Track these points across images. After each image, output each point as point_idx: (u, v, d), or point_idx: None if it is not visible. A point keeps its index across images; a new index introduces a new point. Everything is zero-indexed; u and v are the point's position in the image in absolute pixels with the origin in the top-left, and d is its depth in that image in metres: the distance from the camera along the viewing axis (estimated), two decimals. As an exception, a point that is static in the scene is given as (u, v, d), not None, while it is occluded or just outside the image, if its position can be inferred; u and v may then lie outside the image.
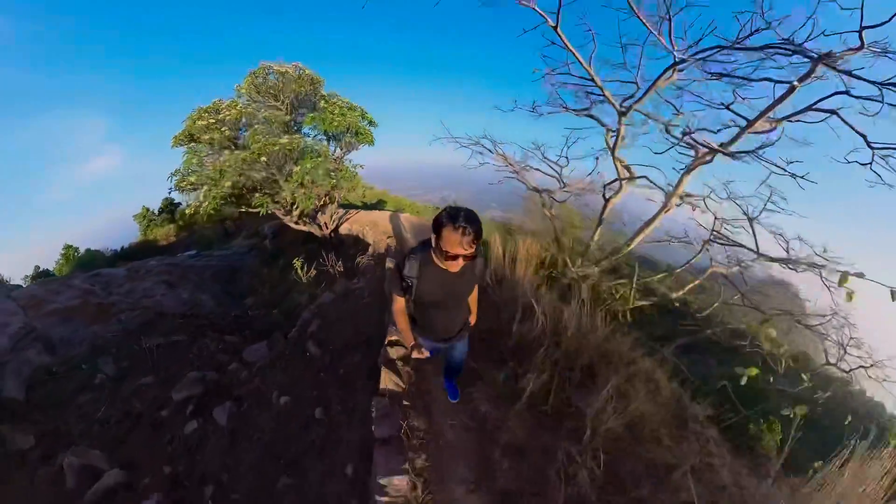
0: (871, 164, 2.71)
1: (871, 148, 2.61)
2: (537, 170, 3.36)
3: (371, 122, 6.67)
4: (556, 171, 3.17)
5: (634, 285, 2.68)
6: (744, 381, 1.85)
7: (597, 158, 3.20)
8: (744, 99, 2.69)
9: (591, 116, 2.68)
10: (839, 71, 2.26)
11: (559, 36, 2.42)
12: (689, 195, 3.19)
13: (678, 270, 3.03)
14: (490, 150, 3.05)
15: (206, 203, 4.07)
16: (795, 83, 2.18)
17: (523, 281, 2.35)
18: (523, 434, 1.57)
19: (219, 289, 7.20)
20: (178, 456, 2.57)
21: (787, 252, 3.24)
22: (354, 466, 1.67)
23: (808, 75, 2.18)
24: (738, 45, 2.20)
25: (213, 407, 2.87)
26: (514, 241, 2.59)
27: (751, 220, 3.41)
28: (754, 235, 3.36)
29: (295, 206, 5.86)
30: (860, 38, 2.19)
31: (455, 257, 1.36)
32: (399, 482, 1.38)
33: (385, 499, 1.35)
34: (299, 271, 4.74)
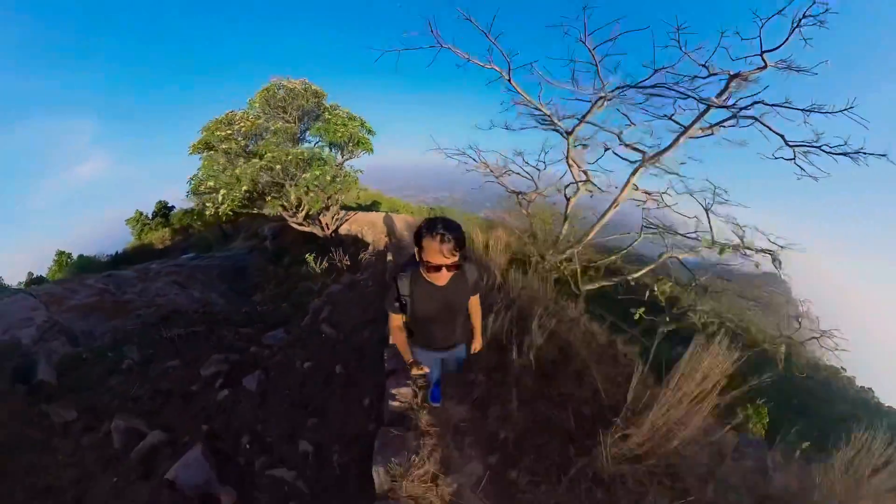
0: (794, 159, 3.36)
1: (790, 146, 3.27)
2: (517, 174, 3.99)
3: (369, 131, 7.28)
4: (531, 175, 3.79)
5: (578, 263, 3.27)
6: (636, 318, 2.46)
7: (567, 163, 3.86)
8: (684, 110, 3.36)
9: (556, 130, 3.31)
10: (749, 80, 2.96)
11: (514, 86, 3.17)
12: (649, 192, 3.83)
13: (619, 255, 3.68)
14: (474, 160, 3.65)
15: (225, 205, 4.58)
16: (714, 100, 2.84)
17: (494, 261, 2.94)
18: (491, 361, 2.11)
19: (226, 287, 7.62)
20: (214, 416, 3.04)
21: (742, 240, 3.89)
22: (370, 399, 2.18)
23: (723, 92, 2.85)
24: (637, 85, 2.88)
25: (242, 378, 3.35)
26: (492, 233, 3.20)
27: (707, 210, 4.07)
28: (710, 225, 4.01)
29: (300, 208, 6.39)
30: (763, 59, 2.86)
31: (438, 268, 1.33)
32: (405, 391, 1.91)
33: (395, 403, 1.86)
34: (312, 264, 5.24)
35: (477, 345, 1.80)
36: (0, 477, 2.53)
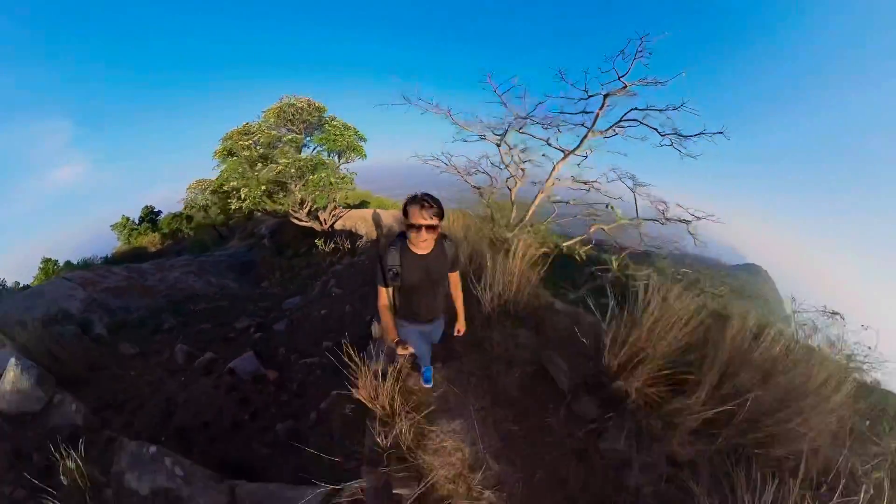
0: (671, 145, 4.83)
1: (662, 135, 4.75)
2: (484, 172, 5.38)
3: (361, 138, 8.61)
4: (490, 173, 5.19)
5: (522, 237, 4.68)
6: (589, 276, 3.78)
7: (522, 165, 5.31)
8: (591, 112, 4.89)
9: (506, 143, 4.75)
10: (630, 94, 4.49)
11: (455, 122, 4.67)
12: (583, 180, 5.30)
13: (543, 224, 5.10)
14: (445, 163, 4.99)
15: (248, 201, 5.75)
16: (598, 112, 4.36)
17: (467, 240, 4.27)
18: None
19: (235, 276, 8.65)
20: (253, 344, 4.20)
21: (663, 213, 5.31)
22: (371, 319, 3.43)
23: (602, 107, 4.37)
24: (527, 116, 4.44)
25: (271, 326, 4.52)
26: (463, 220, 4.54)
27: (633, 190, 5.50)
28: (635, 203, 5.43)
29: (304, 205, 7.59)
30: (622, 83, 4.37)
31: (419, 227, 1.60)
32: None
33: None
34: (322, 246, 6.45)
35: (461, 326, 2.03)
36: (94, 383, 3.58)
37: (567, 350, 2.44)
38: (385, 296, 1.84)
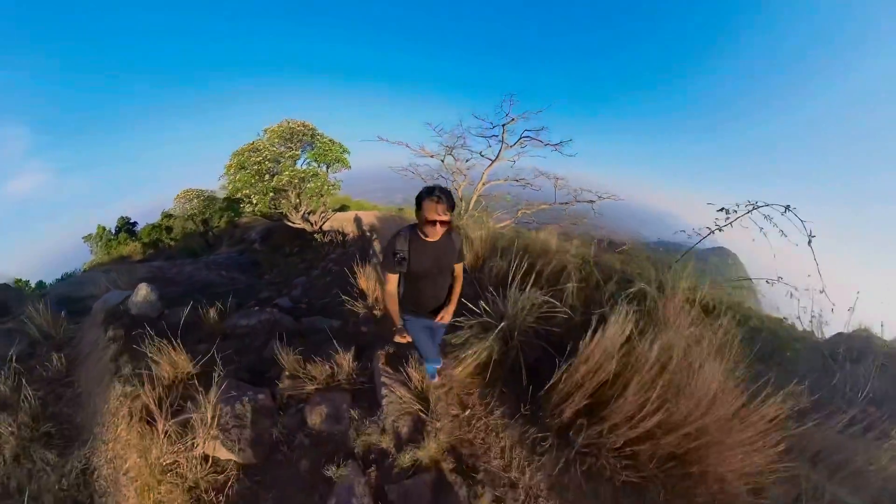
0: (555, 149, 7.29)
1: (548, 145, 7.17)
2: (442, 176, 7.57)
3: (345, 150, 10.61)
4: (446, 175, 7.39)
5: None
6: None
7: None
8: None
9: (451, 156, 6.95)
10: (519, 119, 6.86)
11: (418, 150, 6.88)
12: (514, 178, 7.64)
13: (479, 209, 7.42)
14: (413, 173, 7.11)
15: (258, 206, 7.60)
16: (502, 134, 6.74)
17: None
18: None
19: (239, 272, 10.32)
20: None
21: (575, 196, 7.69)
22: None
23: (503, 133, 6.71)
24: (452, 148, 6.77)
25: (290, 293, 6.44)
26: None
27: (556, 180, 7.88)
28: (555, 193, 7.77)
29: (299, 209, 9.47)
30: (510, 118, 6.77)
31: (434, 223, 1.73)
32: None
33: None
34: (320, 238, 8.39)
35: (446, 314, 2.08)
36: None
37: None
38: (392, 281, 1.95)
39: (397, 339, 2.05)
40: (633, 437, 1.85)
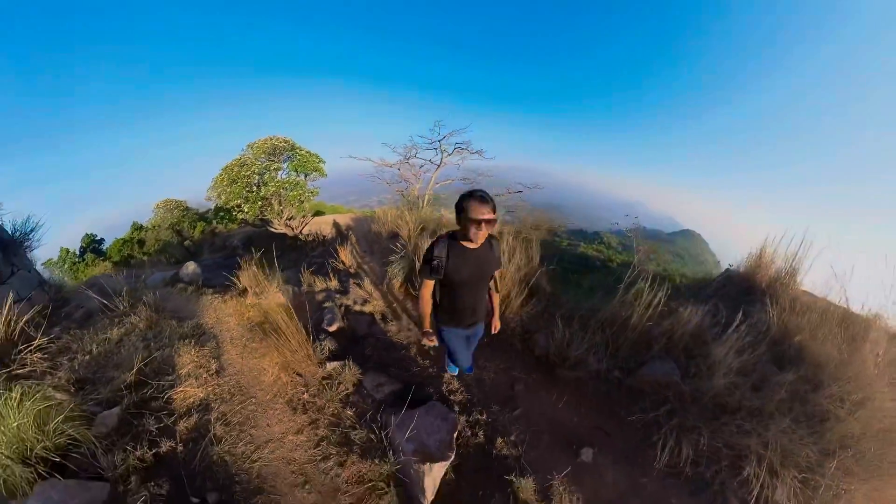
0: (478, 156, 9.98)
1: (473, 152, 9.85)
2: (405, 180, 10.05)
3: (321, 161, 12.99)
4: (408, 181, 9.87)
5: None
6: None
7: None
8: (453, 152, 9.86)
9: (407, 163, 9.48)
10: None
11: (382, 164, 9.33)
12: (461, 178, 10.24)
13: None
14: (380, 178, 9.59)
15: (249, 213, 9.86)
16: (441, 146, 9.27)
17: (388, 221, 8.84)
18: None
19: (229, 272, 12.43)
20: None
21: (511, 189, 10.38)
22: None
23: (440, 146, 9.30)
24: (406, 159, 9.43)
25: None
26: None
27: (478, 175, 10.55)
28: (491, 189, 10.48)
29: (282, 215, 11.74)
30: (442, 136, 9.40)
31: (480, 223, 1.81)
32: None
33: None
34: (303, 238, 10.68)
35: (497, 323, 2.37)
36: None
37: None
38: (428, 287, 2.07)
39: (424, 341, 2.17)
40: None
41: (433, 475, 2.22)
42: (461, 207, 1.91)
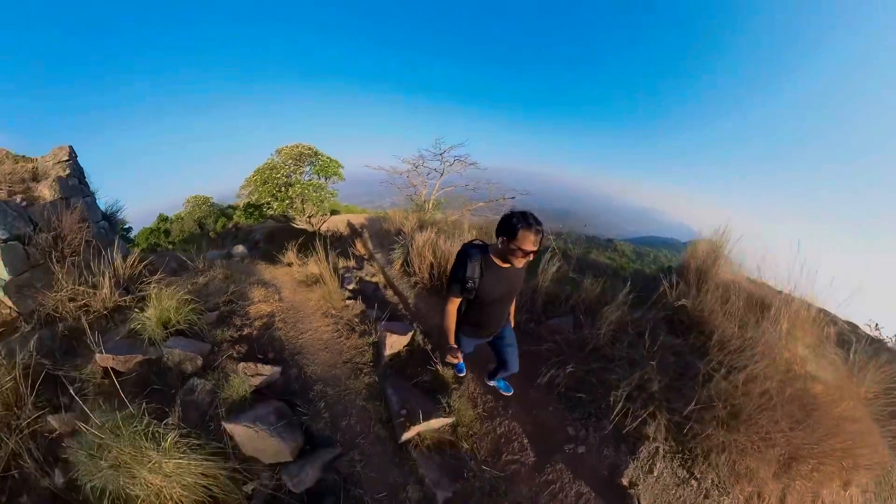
0: (474, 166, 11.85)
1: (468, 164, 11.72)
2: (414, 186, 11.96)
3: (340, 166, 15.19)
4: (417, 185, 11.74)
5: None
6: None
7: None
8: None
9: (417, 171, 11.35)
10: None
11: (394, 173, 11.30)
12: (463, 184, 12.14)
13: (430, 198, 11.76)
14: (391, 182, 11.55)
15: (278, 209, 12.05)
16: (442, 157, 11.15)
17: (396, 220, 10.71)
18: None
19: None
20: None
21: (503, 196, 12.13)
22: None
23: (442, 158, 11.23)
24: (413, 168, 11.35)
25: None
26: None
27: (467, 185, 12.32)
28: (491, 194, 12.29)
29: (304, 213, 13.92)
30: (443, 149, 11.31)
31: (529, 254, 1.84)
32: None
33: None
34: (325, 234, 12.81)
35: (511, 321, 2.55)
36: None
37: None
38: (455, 303, 2.12)
39: (449, 358, 2.23)
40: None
41: (391, 341, 4.01)
42: (512, 231, 1.89)
